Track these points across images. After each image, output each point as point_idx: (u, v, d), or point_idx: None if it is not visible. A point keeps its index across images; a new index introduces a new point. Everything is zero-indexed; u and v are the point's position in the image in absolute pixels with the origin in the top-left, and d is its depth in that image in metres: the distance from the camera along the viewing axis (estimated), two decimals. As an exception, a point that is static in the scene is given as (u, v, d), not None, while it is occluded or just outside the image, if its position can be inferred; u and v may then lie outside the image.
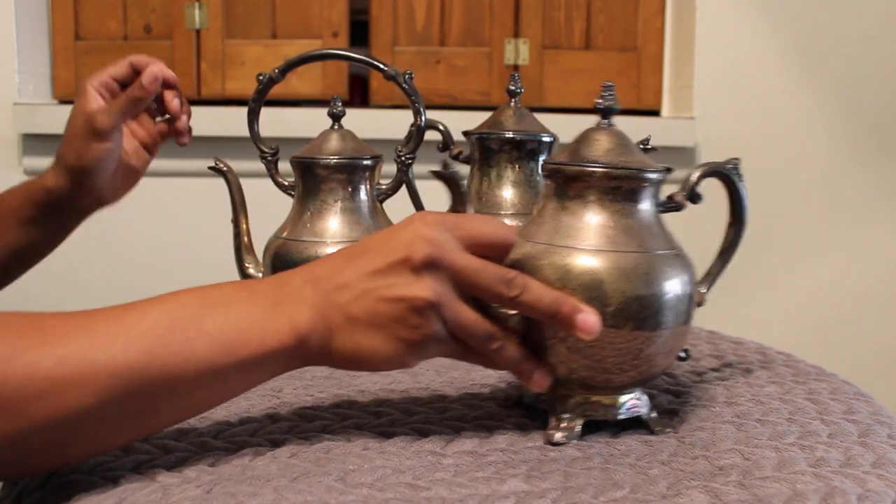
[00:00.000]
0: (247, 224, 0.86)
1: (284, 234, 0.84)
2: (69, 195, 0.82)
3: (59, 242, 0.88)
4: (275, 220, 0.86)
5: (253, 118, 0.86)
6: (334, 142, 0.85)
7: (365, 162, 0.84)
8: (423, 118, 0.85)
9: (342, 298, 0.55)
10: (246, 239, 0.86)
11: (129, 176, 0.86)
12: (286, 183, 0.87)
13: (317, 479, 0.52)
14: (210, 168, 0.86)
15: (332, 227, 0.82)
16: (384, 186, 0.87)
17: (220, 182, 0.87)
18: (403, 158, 0.86)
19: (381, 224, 0.85)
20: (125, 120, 0.82)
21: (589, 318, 0.55)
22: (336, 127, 0.86)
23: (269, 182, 0.87)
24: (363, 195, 0.84)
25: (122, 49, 1.56)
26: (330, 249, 0.79)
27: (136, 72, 0.84)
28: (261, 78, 0.85)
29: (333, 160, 0.83)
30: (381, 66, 0.84)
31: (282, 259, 0.81)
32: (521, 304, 0.55)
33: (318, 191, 0.83)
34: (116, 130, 0.81)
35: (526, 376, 0.58)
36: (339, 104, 0.87)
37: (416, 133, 0.85)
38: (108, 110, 0.80)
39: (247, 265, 0.85)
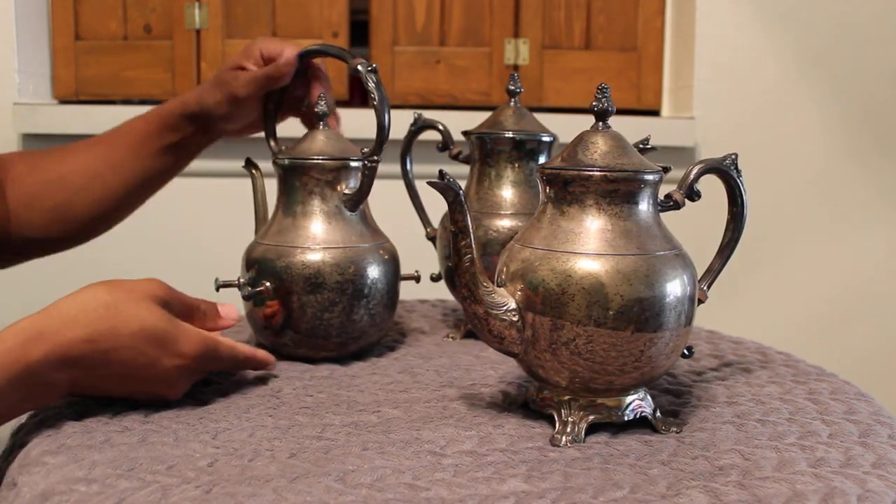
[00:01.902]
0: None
1: (265, 240, 0.79)
2: (202, 124, 0.87)
3: (172, 175, 0.91)
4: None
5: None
6: (320, 143, 0.79)
7: (352, 164, 0.79)
8: (386, 117, 0.78)
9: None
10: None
11: (254, 125, 0.89)
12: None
13: (316, 479, 0.52)
14: (245, 166, 0.84)
15: (316, 231, 0.77)
16: (345, 191, 0.79)
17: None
18: (366, 162, 0.78)
19: (363, 229, 0.80)
20: (260, 94, 0.85)
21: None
22: (322, 127, 0.81)
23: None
24: (345, 193, 0.79)
25: (122, 49, 1.56)
26: (313, 256, 0.76)
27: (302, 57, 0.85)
28: None
29: (316, 161, 0.78)
30: (345, 56, 0.81)
31: (262, 265, 0.77)
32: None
33: (300, 193, 0.78)
34: (250, 100, 0.85)
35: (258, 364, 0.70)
36: (322, 103, 0.81)
37: (378, 133, 0.78)
38: (247, 81, 0.84)
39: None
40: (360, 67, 0.79)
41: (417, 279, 0.86)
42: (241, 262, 0.80)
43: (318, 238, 0.77)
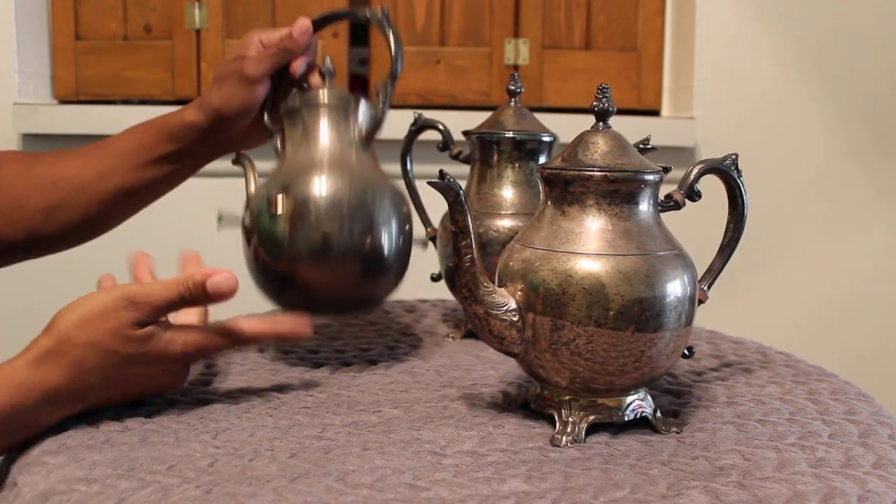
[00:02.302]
0: None
1: (284, 167, 0.76)
2: (204, 135, 0.83)
3: (171, 186, 0.88)
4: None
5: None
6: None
7: (353, 101, 0.79)
8: (398, 50, 0.79)
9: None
10: None
11: (262, 131, 0.85)
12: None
13: (317, 479, 0.52)
14: (234, 162, 0.81)
15: (317, 161, 0.75)
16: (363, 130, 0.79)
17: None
18: (383, 89, 0.79)
19: (366, 171, 0.76)
20: (273, 70, 0.82)
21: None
22: (327, 84, 0.80)
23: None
24: (352, 132, 0.77)
25: (122, 49, 1.56)
26: (334, 178, 0.72)
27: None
28: None
29: (318, 98, 0.77)
30: (354, 12, 0.82)
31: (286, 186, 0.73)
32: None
33: (301, 132, 0.77)
34: (263, 81, 0.81)
35: (288, 335, 0.67)
36: (328, 62, 0.81)
37: (392, 63, 0.79)
38: (257, 58, 0.80)
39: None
40: (369, 15, 0.80)
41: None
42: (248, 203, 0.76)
43: (335, 162, 0.75)
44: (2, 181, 0.83)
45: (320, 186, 0.72)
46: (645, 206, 0.60)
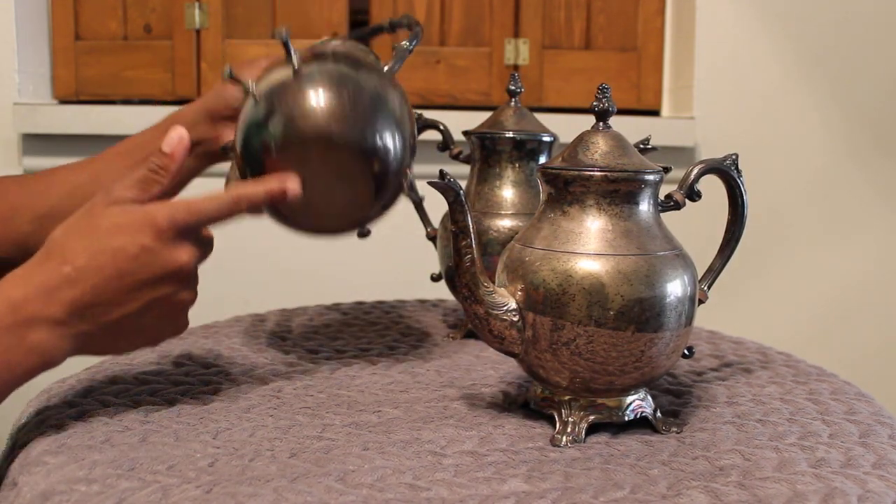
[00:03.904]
0: None
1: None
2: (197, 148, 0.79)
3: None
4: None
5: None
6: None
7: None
8: (417, 36, 0.77)
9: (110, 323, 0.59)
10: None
11: None
12: None
13: (317, 479, 0.52)
14: (221, 150, 0.76)
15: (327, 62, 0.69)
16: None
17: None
18: (412, 26, 0.78)
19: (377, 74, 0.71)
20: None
21: (288, 185, 0.62)
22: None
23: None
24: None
25: (122, 49, 1.56)
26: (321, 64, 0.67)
27: None
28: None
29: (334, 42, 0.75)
30: (381, 25, 0.82)
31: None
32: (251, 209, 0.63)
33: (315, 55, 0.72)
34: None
35: (278, 196, 0.62)
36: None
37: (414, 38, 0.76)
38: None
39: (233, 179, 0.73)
40: (394, 21, 0.81)
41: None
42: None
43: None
44: None
45: (312, 69, 0.66)
46: (645, 206, 0.60)
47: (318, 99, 0.66)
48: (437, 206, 0.78)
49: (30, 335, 0.57)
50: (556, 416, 0.61)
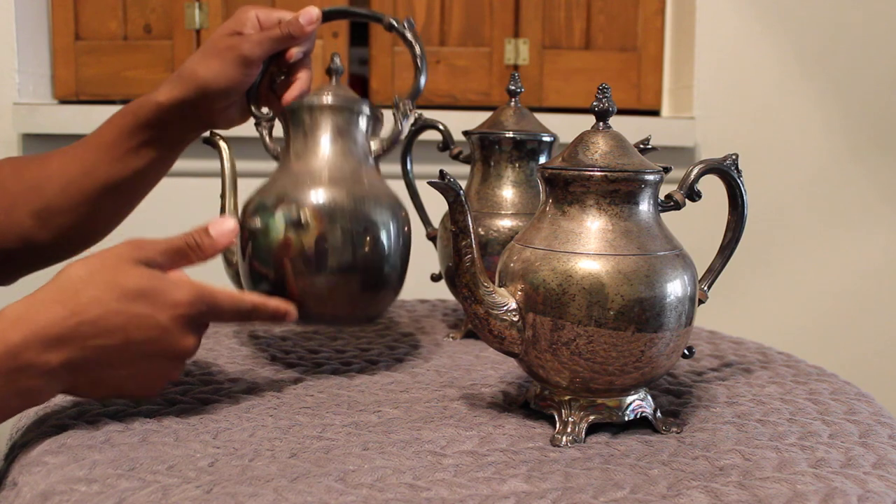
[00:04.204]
0: (235, 202, 0.77)
1: (283, 176, 0.74)
2: (182, 112, 0.79)
3: (157, 175, 0.84)
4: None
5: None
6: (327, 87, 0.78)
7: (362, 106, 0.76)
8: (423, 66, 0.77)
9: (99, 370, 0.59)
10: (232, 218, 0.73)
11: (241, 113, 0.81)
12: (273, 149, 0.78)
13: (317, 479, 0.52)
14: (205, 141, 0.79)
15: (319, 172, 0.72)
16: (378, 143, 0.77)
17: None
18: (402, 107, 0.77)
19: (375, 184, 0.74)
20: (271, 54, 0.78)
21: (290, 310, 0.66)
22: (333, 81, 0.79)
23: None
24: (358, 141, 0.75)
25: (122, 49, 1.56)
26: (316, 192, 0.70)
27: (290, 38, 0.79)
28: None
29: (325, 100, 0.75)
30: (378, 16, 0.78)
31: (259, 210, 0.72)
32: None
33: (305, 135, 0.75)
34: (259, 63, 0.77)
35: (281, 317, 0.66)
36: (338, 61, 0.80)
37: (416, 80, 0.77)
38: (258, 40, 0.77)
39: (232, 250, 0.75)
40: (394, 22, 0.77)
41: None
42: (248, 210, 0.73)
43: (319, 190, 0.71)
44: None
45: (320, 201, 0.70)
46: (645, 206, 0.60)
47: (329, 278, 0.71)
48: (437, 206, 0.78)
49: (21, 381, 0.56)
50: (555, 416, 0.61)
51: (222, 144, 0.79)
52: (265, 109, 0.78)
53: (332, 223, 0.70)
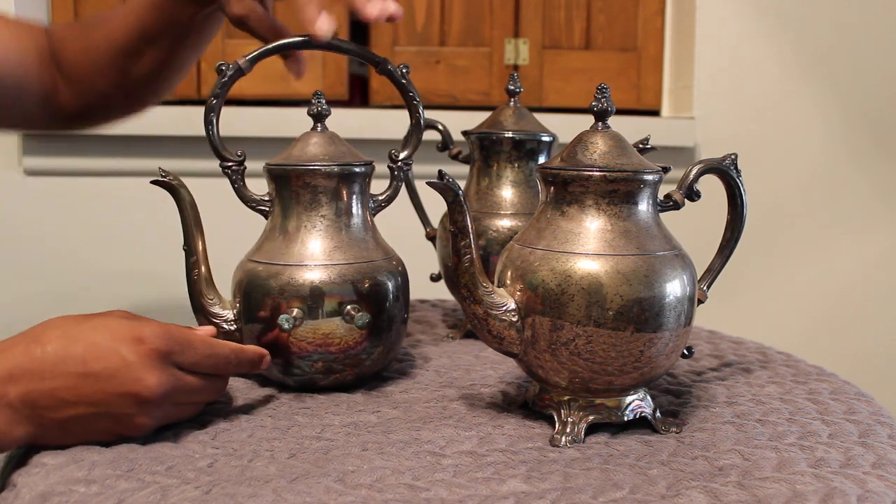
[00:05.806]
0: (204, 249, 0.69)
1: (257, 256, 0.69)
2: None
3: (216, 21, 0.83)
4: (247, 242, 0.74)
5: (212, 117, 0.69)
6: (316, 146, 0.71)
7: (356, 169, 0.70)
8: (421, 116, 0.75)
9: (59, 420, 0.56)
10: (203, 269, 0.69)
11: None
12: (257, 197, 0.71)
13: (316, 479, 0.52)
14: (153, 182, 0.68)
15: (316, 247, 0.69)
16: (380, 197, 0.74)
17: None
18: (400, 164, 0.74)
19: (374, 242, 0.72)
20: None
21: (266, 358, 0.66)
22: (319, 129, 0.72)
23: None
24: (354, 208, 0.71)
25: (122, 49, 1.56)
26: (312, 275, 0.67)
27: None
28: (223, 68, 0.69)
29: (320, 167, 0.69)
30: (376, 58, 0.73)
31: (255, 286, 0.68)
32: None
33: (298, 204, 0.70)
34: None
35: (257, 366, 0.65)
36: (323, 101, 0.73)
37: (415, 133, 0.74)
38: None
39: (208, 300, 0.69)
40: (391, 68, 0.74)
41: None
42: (230, 284, 0.71)
43: (320, 255, 0.69)
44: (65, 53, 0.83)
45: (315, 283, 0.67)
46: (644, 206, 0.60)
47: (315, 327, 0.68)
48: (436, 206, 0.78)
49: None
50: (555, 417, 0.61)
51: (177, 185, 0.69)
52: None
53: (329, 312, 0.67)
